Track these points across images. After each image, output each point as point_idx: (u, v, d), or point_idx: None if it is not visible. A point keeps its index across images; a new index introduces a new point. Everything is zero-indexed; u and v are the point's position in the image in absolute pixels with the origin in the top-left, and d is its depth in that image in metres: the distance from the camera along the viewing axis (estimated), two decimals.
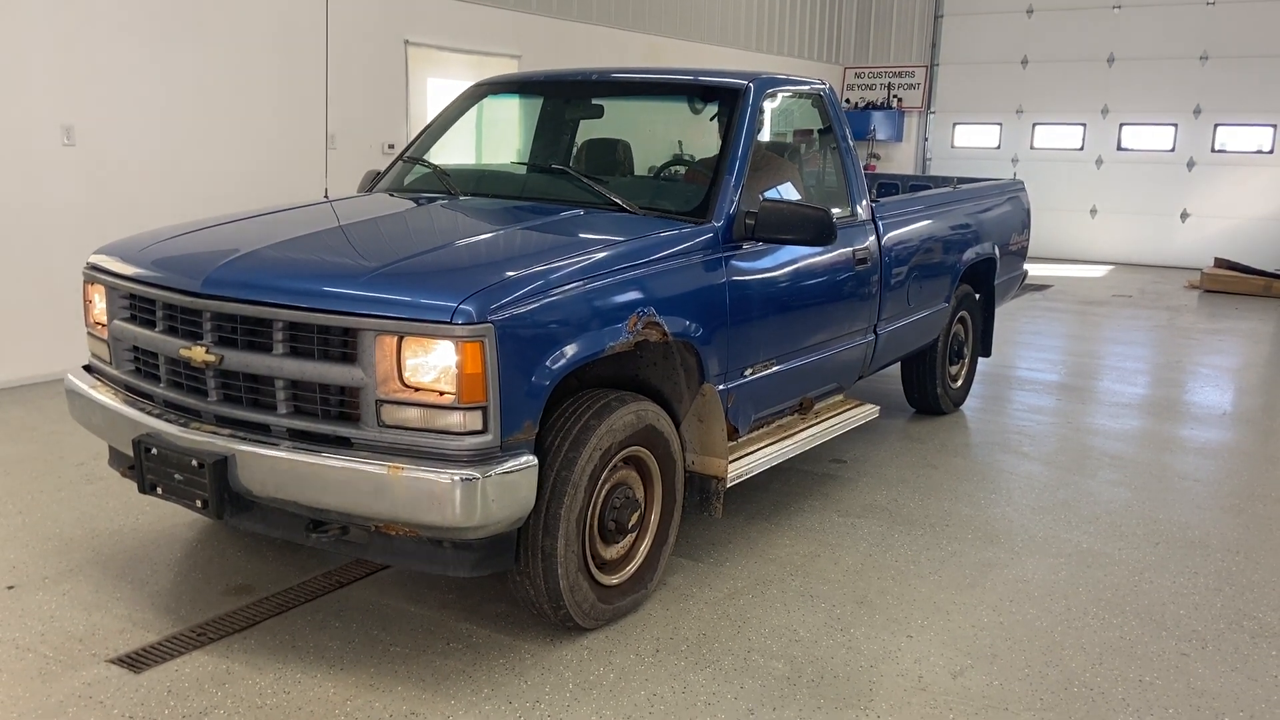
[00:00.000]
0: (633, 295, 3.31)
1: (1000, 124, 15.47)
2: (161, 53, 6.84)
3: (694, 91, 4.67)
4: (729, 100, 4.24)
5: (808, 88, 4.70)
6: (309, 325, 2.95)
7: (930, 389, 6.09)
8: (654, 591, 3.66)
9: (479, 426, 2.85)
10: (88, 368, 3.81)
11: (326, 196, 4.52)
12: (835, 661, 3.26)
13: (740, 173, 3.96)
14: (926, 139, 16.13)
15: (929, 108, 16.00)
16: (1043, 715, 2.99)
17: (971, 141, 15.81)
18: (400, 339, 2.84)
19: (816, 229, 3.75)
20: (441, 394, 2.83)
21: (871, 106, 16.13)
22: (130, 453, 3.29)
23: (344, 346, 2.92)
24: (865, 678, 3.17)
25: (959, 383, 6.39)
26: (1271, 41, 13.24)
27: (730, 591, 3.73)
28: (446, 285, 2.95)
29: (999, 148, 15.48)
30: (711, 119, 4.44)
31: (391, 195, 4.48)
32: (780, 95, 4.52)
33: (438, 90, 9.09)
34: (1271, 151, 13.54)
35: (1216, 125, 13.82)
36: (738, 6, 13.44)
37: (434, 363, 2.83)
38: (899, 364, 5.97)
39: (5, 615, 3.42)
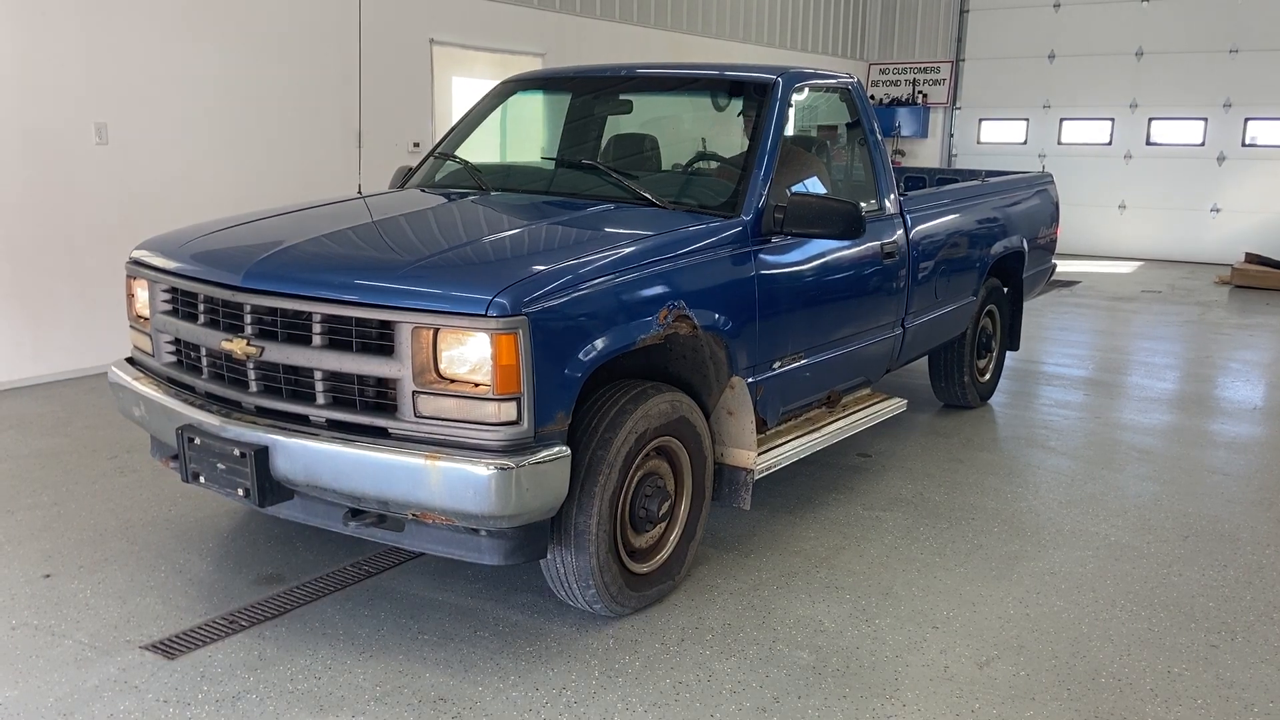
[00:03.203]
0: (663, 289, 3.35)
1: (1027, 119, 15.35)
2: (192, 52, 6.93)
3: (723, 87, 4.71)
4: (758, 95, 4.27)
5: (836, 82, 4.72)
6: (347, 319, 3.00)
7: (957, 382, 6.07)
8: (681, 583, 3.68)
9: (513, 417, 2.89)
10: (130, 360, 3.87)
11: (360, 193, 4.60)
12: (861, 652, 3.26)
13: (769, 167, 3.98)
14: (952, 135, 16.03)
15: (954, 103, 15.90)
16: (1070, 705, 2.98)
17: (998, 137, 15.69)
18: (436, 332, 2.89)
19: (845, 222, 3.77)
20: (477, 385, 2.88)
21: (896, 103, 16.05)
22: (172, 443, 3.37)
23: (381, 339, 2.97)
24: (891, 668, 3.17)
25: (987, 376, 6.37)
26: None
27: (755, 583, 3.74)
28: (481, 279, 3.00)
29: (1025, 143, 15.36)
30: (738, 114, 4.47)
31: (423, 191, 4.53)
32: (808, 90, 4.55)
33: (462, 88, 9.15)
34: None
35: (1247, 119, 13.65)
36: (761, 3, 13.42)
37: (469, 355, 2.88)
38: (926, 357, 5.97)
39: (42, 603, 3.49)
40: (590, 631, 3.35)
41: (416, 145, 8.69)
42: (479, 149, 4.85)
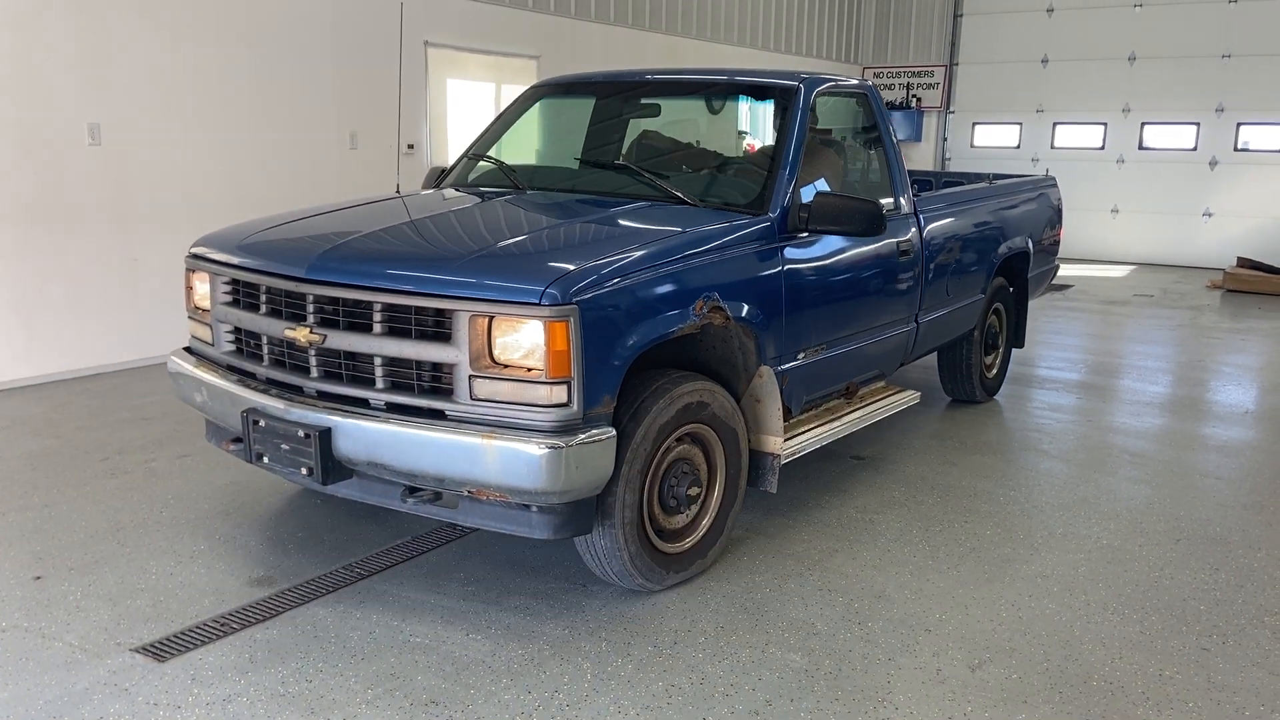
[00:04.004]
0: (699, 281, 3.55)
1: (1020, 123, 15.39)
2: (186, 53, 6.92)
3: (749, 91, 4.94)
4: (783, 99, 4.47)
5: (854, 87, 4.95)
6: (407, 308, 3.20)
7: (965, 378, 6.25)
8: (711, 565, 3.85)
9: (564, 400, 3.08)
10: (188, 349, 4.09)
11: (399, 192, 4.79)
12: (853, 654, 3.26)
13: (794, 167, 4.18)
14: (945, 139, 16.07)
15: (948, 107, 15.94)
16: (1061, 709, 2.98)
17: (991, 141, 15.72)
18: (491, 320, 3.09)
19: (867, 221, 3.98)
20: (529, 370, 3.08)
21: (890, 106, 16.08)
22: (233, 428, 3.62)
23: (437, 327, 3.17)
24: (883, 671, 3.17)
25: (993, 372, 6.58)
26: None
27: (748, 586, 3.74)
28: (534, 270, 3.20)
29: (1019, 147, 15.39)
30: (762, 118, 4.69)
31: (459, 190, 4.68)
32: (828, 94, 4.73)
33: (457, 90, 9.15)
34: None
35: (1239, 124, 13.69)
36: (756, 6, 13.44)
37: (523, 341, 3.08)
38: (936, 355, 6.15)
39: (32, 605, 3.47)
40: (583, 634, 3.35)
41: (410, 147, 8.69)
42: (509, 151, 5.04)
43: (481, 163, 4.89)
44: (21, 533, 4.07)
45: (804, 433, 4.32)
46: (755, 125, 4.75)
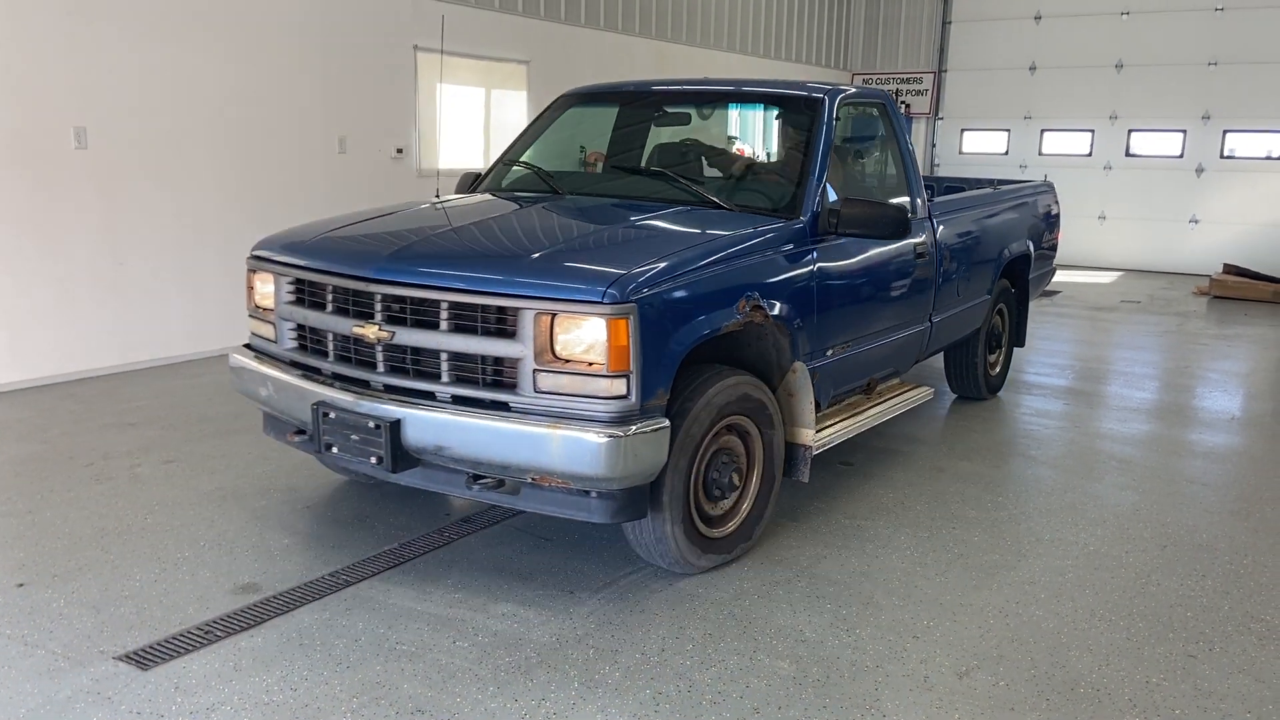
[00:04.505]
0: (741, 281, 3.76)
1: (1008, 130, 15.45)
2: (174, 57, 6.89)
3: (777, 102, 5.13)
4: (810, 109, 4.69)
5: (872, 95, 5.20)
6: (473, 306, 3.39)
7: (971, 376, 6.50)
8: (751, 549, 4.08)
9: (623, 392, 3.28)
10: (247, 345, 4.23)
11: (438, 196, 4.99)
12: (841, 662, 3.26)
13: (823, 173, 4.39)
14: (934, 145, 16.11)
15: (937, 113, 15.99)
16: (1048, 716, 2.98)
17: (979, 147, 15.78)
18: (553, 317, 3.28)
19: (893, 225, 4.22)
20: (591, 364, 3.27)
21: None
22: (299, 420, 3.80)
23: (500, 324, 3.36)
24: (871, 678, 3.17)
25: (996, 370, 6.81)
26: None
27: (737, 593, 3.73)
28: (595, 271, 3.40)
29: (1007, 153, 15.45)
30: (790, 126, 4.93)
31: (496, 195, 4.81)
32: (850, 103, 4.94)
33: (447, 95, 9.13)
34: None
35: (1225, 131, 13.78)
36: (745, 12, 13.47)
37: (584, 337, 3.27)
38: (942, 355, 6.41)
39: (15, 612, 3.44)
40: (570, 642, 3.34)
41: (400, 151, 8.67)
42: (543, 158, 5.20)
43: (515, 168, 5.07)
44: (4, 539, 4.03)
45: (831, 426, 4.56)
46: (785, 133, 5.00)
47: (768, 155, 5.31)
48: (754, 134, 5.58)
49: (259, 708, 2.91)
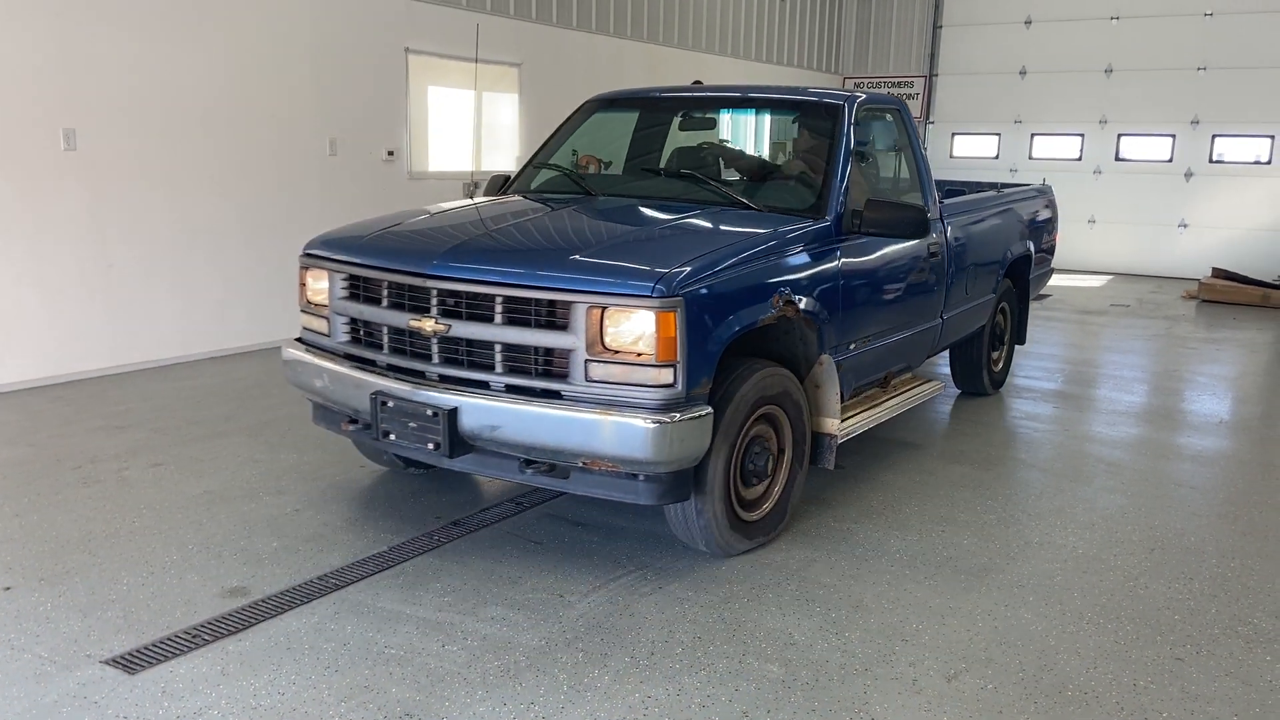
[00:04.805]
0: (775, 277, 3.96)
1: (999, 134, 15.51)
2: (164, 60, 6.87)
3: (800, 108, 5.30)
4: (831, 114, 4.88)
5: (887, 101, 5.41)
6: (526, 300, 3.57)
7: (975, 372, 6.72)
8: (780, 534, 4.29)
9: (670, 381, 3.47)
10: (299, 339, 4.39)
11: (471, 197, 5.16)
12: (830, 665, 3.26)
13: (845, 175, 4.61)
14: (925, 149, 16.14)
15: (928, 117, 16.03)
16: (1036, 718, 2.99)
17: (970, 151, 15.83)
18: (604, 310, 3.46)
19: (914, 225, 4.41)
20: (640, 355, 3.46)
21: None
22: (352, 410, 3.99)
23: (551, 316, 3.54)
24: (860, 681, 3.17)
25: (999, 366, 7.04)
26: (1269, 53, 13.29)
27: (726, 596, 3.73)
28: (642, 267, 3.56)
29: (997, 157, 15.51)
30: (811, 131, 5.07)
31: (526, 197, 4.94)
32: (867, 109, 5.13)
33: (438, 98, 9.12)
34: (1269, 162, 13.56)
35: (1214, 136, 13.85)
36: (738, 16, 13.49)
37: (634, 329, 3.46)
38: (948, 351, 6.62)
39: (1, 616, 3.42)
40: (559, 645, 3.33)
41: (390, 154, 8.65)
42: (561, 160, 5.36)
43: (544, 170, 5.24)
44: None
45: (854, 416, 4.78)
46: (805, 137, 5.14)
47: (791, 158, 5.52)
48: (770, 139, 5.75)
49: (246, 712, 2.90)
